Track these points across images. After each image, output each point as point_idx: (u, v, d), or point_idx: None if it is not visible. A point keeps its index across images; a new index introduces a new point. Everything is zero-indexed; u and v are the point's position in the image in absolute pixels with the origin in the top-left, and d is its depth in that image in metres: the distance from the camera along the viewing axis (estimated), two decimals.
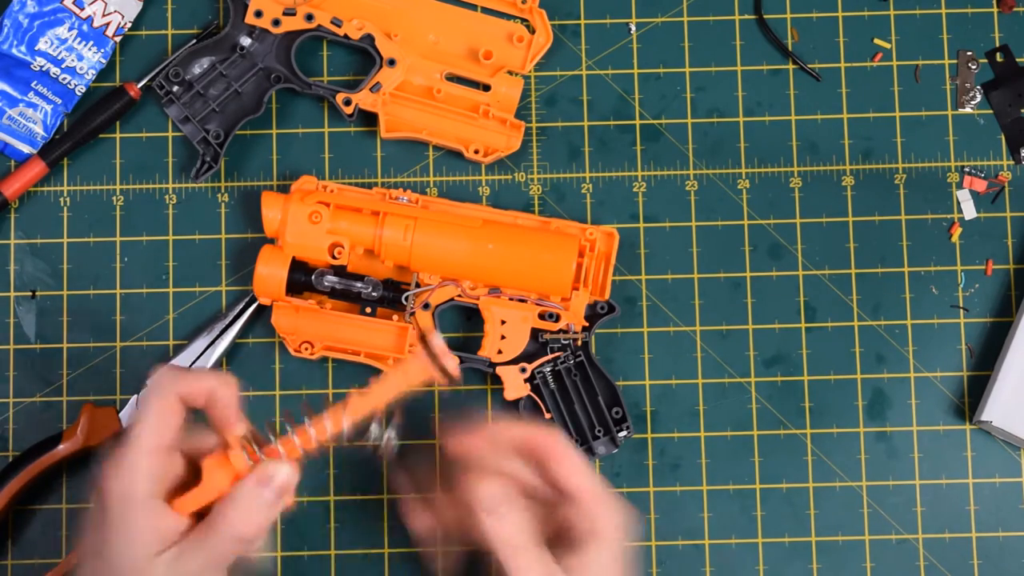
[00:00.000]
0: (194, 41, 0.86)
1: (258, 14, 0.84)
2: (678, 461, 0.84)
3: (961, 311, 0.85)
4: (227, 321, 0.84)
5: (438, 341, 0.69)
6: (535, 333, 0.83)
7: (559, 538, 0.71)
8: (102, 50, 0.86)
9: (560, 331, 0.83)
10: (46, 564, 0.83)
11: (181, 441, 0.69)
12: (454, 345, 0.84)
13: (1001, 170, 0.86)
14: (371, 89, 0.84)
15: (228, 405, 0.68)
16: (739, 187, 0.86)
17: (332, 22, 0.84)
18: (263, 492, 0.67)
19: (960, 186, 0.86)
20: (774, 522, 0.84)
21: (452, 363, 0.69)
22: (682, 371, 0.85)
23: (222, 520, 0.66)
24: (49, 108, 0.85)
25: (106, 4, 0.85)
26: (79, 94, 0.86)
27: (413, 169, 0.86)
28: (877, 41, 0.87)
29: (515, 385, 0.82)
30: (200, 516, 0.67)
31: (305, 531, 0.84)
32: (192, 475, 0.69)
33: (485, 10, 0.87)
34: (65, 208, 0.86)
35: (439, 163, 0.86)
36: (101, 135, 0.86)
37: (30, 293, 0.85)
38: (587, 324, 0.83)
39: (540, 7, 0.86)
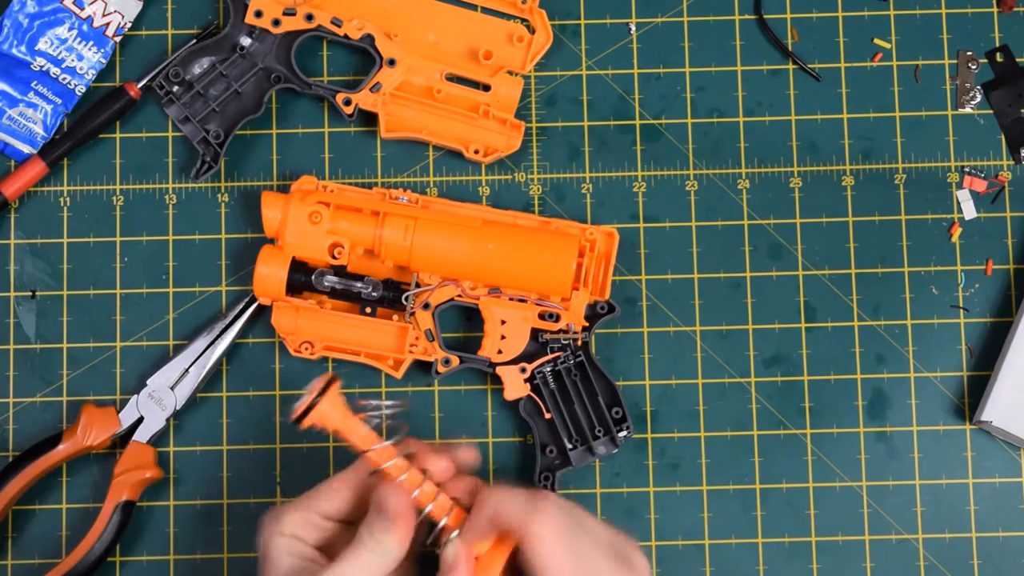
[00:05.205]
0: (194, 41, 0.86)
1: (258, 14, 0.84)
2: (678, 461, 0.84)
3: (961, 311, 0.85)
4: (227, 321, 0.84)
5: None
6: (535, 333, 0.83)
7: None
8: (102, 50, 0.86)
9: (560, 331, 0.83)
10: (46, 564, 0.83)
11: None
12: (454, 345, 0.84)
13: (1001, 170, 0.86)
14: (371, 89, 0.84)
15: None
16: (739, 187, 0.86)
17: (332, 22, 0.84)
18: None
19: (960, 186, 0.86)
20: (774, 522, 0.84)
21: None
22: (682, 371, 0.85)
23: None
24: (49, 108, 0.85)
25: (106, 4, 0.85)
26: (79, 94, 0.86)
27: (413, 169, 0.86)
28: (877, 41, 0.87)
29: (515, 385, 0.82)
30: None
31: None
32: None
33: (485, 10, 0.87)
34: (65, 208, 0.86)
35: (439, 163, 0.86)
36: (101, 135, 0.86)
37: (30, 293, 0.85)
38: (587, 324, 0.83)
39: (540, 7, 0.86)
